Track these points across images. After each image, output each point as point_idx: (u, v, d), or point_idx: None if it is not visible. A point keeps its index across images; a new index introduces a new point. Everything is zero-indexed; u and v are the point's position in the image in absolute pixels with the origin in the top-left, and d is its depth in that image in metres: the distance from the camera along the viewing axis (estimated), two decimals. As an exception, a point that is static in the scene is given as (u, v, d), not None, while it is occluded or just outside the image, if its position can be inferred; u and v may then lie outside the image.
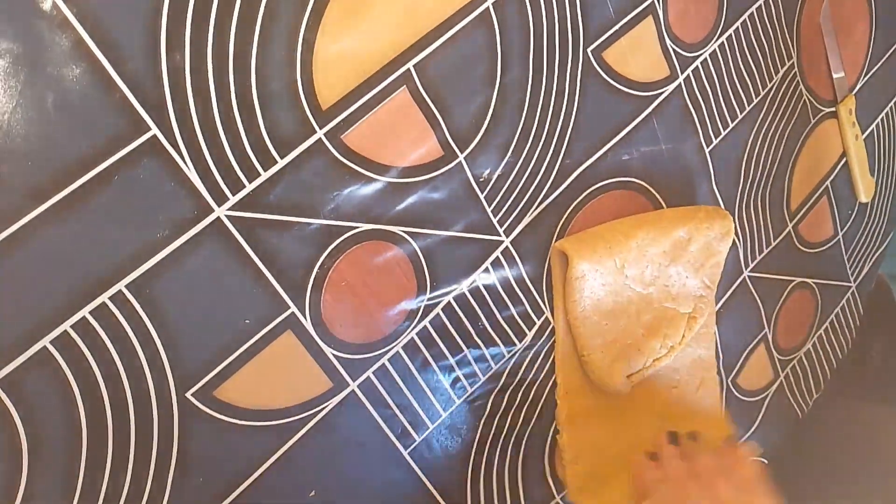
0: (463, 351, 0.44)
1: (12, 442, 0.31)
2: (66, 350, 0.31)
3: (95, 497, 0.33)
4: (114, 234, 0.31)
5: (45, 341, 0.31)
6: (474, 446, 0.46)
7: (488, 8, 0.40)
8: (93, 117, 0.30)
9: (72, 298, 0.31)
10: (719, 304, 0.58)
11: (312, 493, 0.39)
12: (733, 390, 0.61)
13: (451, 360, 0.43)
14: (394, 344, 0.41)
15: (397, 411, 0.42)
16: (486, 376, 0.45)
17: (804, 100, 0.60)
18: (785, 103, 0.58)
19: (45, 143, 0.29)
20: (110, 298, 0.32)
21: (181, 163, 0.32)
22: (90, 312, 0.31)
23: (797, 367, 0.67)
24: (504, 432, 0.47)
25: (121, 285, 0.32)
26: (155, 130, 0.31)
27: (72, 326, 0.31)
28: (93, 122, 0.30)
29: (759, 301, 0.61)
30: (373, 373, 0.40)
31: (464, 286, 0.43)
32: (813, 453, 0.68)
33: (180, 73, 0.31)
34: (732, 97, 0.54)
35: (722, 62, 0.52)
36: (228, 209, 0.34)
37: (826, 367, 0.71)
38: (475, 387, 0.45)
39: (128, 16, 0.30)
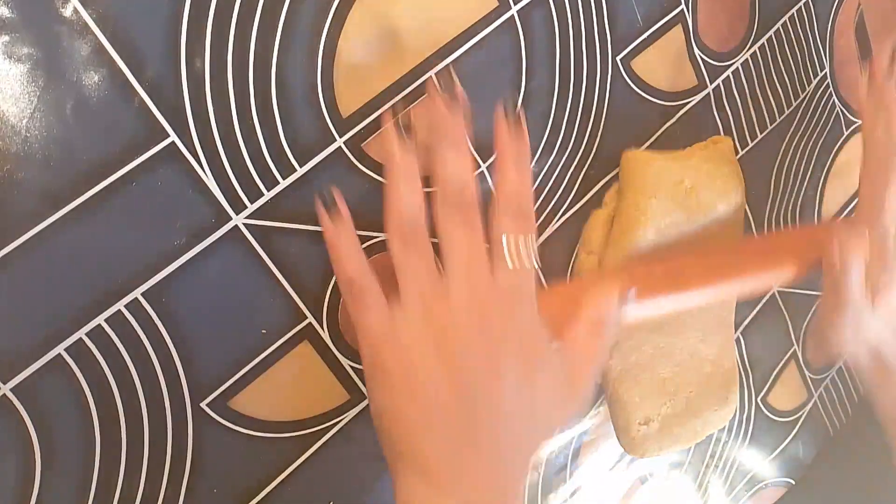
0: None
1: (26, 449, 0.30)
2: (80, 358, 0.31)
3: (108, 507, 0.32)
4: (130, 240, 0.31)
5: (60, 348, 0.30)
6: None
7: (513, 16, 0.39)
8: (111, 123, 0.30)
9: (87, 305, 0.31)
10: (747, 321, 0.56)
11: (330, 503, 0.39)
12: (763, 409, 0.60)
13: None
14: (412, 356, 0.40)
15: (415, 425, 0.41)
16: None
17: (837, 111, 0.58)
18: (817, 115, 0.57)
19: (63, 149, 0.29)
20: (126, 306, 0.31)
21: (199, 170, 0.32)
22: (105, 320, 0.31)
23: (830, 386, 0.65)
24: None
25: (137, 293, 0.32)
26: (173, 137, 0.31)
27: (87, 334, 0.31)
28: (111, 128, 0.30)
29: (787, 316, 0.60)
30: (391, 385, 0.40)
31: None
32: (845, 468, 0.66)
33: (200, 80, 0.31)
34: (764, 107, 0.52)
35: (754, 72, 0.51)
36: (246, 217, 0.34)
37: (859, 385, 0.69)
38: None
39: (148, 22, 0.30)
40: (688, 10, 0.46)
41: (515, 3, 0.39)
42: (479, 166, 0.40)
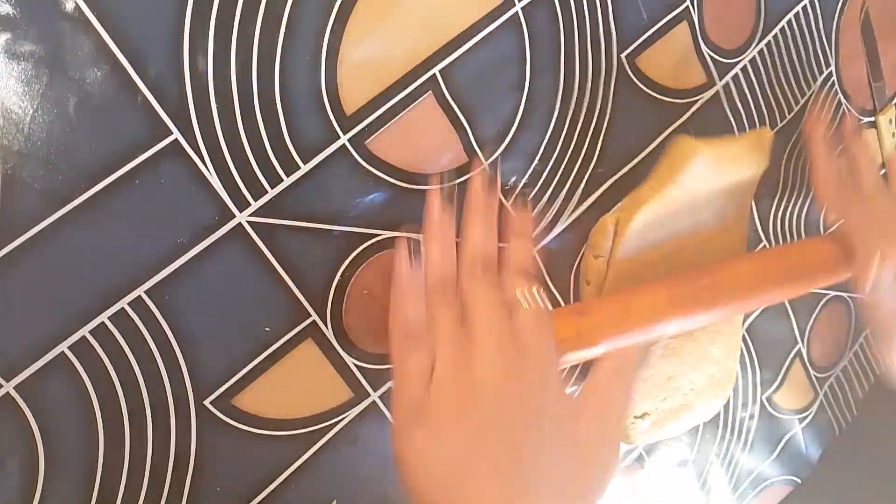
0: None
1: (29, 446, 0.30)
2: (84, 355, 0.31)
3: (111, 504, 0.32)
4: (134, 238, 0.31)
5: (64, 346, 0.30)
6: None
7: (517, 13, 0.39)
8: (114, 121, 0.30)
9: (91, 304, 0.31)
10: (752, 318, 0.56)
11: (333, 502, 0.39)
12: (768, 407, 0.59)
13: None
14: (416, 354, 0.40)
15: (419, 423, 0.41)
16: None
17: (842, 109, 0.58)
18: (822, 112, 0.56)
19: (66, 147, 0.29)
20: (129, 304, 0.31)
21: (203, 168, 0.32)
22: (109, 318, 0.31)
23: (835, 385, 0.65)
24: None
25: (140, 291, 0.32)
26: (177, 134, 0.31)
27: (90, 332, 0.31)
28: (114, 126, 0.30)
29: (791, 315, 0.59)
30: (394, 383, 0.40)
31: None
32: (851, 466, 0.66)
33: (203, 77, 0.31)
34: (773, 105, 0.52)
35: (762, 68, 0.51)
36: (250, 215, 0.33)
37: (864, 383, 0.69)
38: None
39: (151, 19, 0.30)
40: (693, 7, 0.46)
41: (520, 0, 0.39)
42: (484, 164, 0.40)
